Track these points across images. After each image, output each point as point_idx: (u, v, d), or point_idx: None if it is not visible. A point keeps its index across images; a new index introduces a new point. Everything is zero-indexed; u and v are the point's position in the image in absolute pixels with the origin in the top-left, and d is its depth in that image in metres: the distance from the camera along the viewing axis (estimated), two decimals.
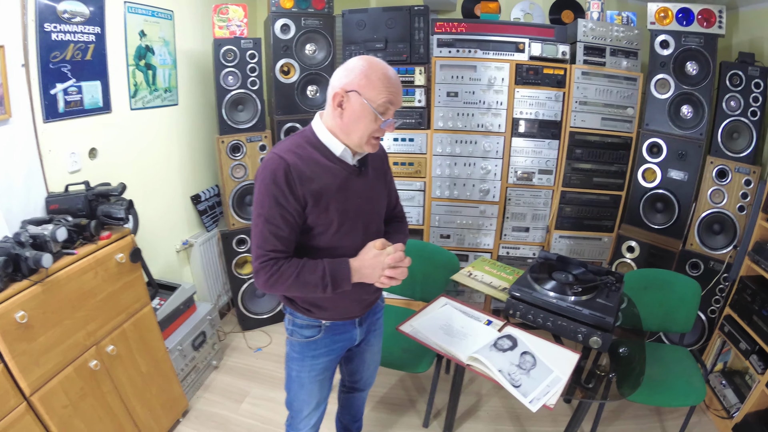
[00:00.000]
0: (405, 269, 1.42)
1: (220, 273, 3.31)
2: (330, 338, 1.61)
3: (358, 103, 1.31)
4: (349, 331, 1.65)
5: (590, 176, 3.03)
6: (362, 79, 1.30)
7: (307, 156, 1.37)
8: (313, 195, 1.35)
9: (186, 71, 2.92)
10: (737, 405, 2.48)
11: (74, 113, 2.12)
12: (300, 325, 1.59)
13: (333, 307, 1.54)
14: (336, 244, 1.44)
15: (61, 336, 1.70)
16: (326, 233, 1.42)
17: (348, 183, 1.42)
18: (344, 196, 1.41)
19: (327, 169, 1.38)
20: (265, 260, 1.35)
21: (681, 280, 2.46)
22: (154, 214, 2.70)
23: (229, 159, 2.93)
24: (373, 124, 1.33)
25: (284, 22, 2.87)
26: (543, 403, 1.58)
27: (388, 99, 1.31)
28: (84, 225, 1.85)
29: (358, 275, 1.41)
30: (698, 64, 2.77)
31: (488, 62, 2.90)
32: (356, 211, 1.45)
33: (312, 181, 1.35)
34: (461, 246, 3.26)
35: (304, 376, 1.65)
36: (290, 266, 1.35)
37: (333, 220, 1.40)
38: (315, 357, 1.63)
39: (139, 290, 2.11)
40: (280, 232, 1.35)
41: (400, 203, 1.78)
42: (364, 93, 1.30)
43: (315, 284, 1.36)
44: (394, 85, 1.33)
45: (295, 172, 1.32)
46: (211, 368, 2.85)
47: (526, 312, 2.00)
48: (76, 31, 2.07)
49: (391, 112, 1.36)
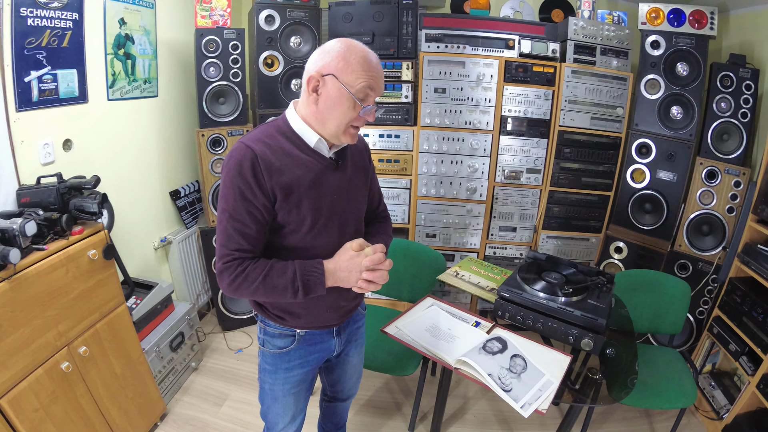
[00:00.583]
0: (385, 273, 1.28)
1: (200, 271, 3.21)
2: (305, 349, 1.49)
3: (335, 88, 1.20)
4: (325, 341, 1.52)
5: (579, 176, 3.00)
6: (340, 61, 1.19)
7: (278, 146, 1.25)
8: (283, 188, 1.23)
9: (166, 62, 2.82)
10: (727, 406, 2.47)
11: (49, 102, 2.01)
12: (272, 335, 1.47)
13: (306, 314, 1.42)
14: (309, 245, 1.31)
15: (30, 336, 1.61)
16: (298, 232, 1.30)
17: (323, 177, 1.30)
18: (318, 191, 1.29)
19: (299, 161, 1.26)
20: (228, 260, 1.23)
21: (670, 281, 2.44)
22: (131, 209, 2.60)
23: (209, 153, 2.83)
24: (351, 111, 1.21)
25: (269, 13, 2.78)
26: (535, 408, 1.53)
27: (367, 84, 1.20)
28: (55, 219, 1.76)
29: (332, 279, 1.27)
30: (689, 65, 2.76)
31: (477, 58, 2.85)
32: (331, 208, 1.33)
33: (282, 174, 1.22)
34: (447, 245, 3.21)
35: (277, 389, 1.54)
36: (257, 267, 1.23)
37: (305, 217, 1.28)
38: (289, 369, 1.50)
39: (113, 288, 2.01)
40: (246, 230, 1.23)
41: (383, 202, 1.67)
42: (342, 77, 1.19)
43: (284, 288, 1.23)
44: (374, 69, 1.21)
45: (263, 163, 1.20)
46: (190, 370, 2.76)
47: (515, 313, 1.95)
48: (53, 17, 1.97)
49: (372, 99, 1.24)
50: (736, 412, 2.33)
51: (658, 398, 2.12)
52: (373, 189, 1.58)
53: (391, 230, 1.66)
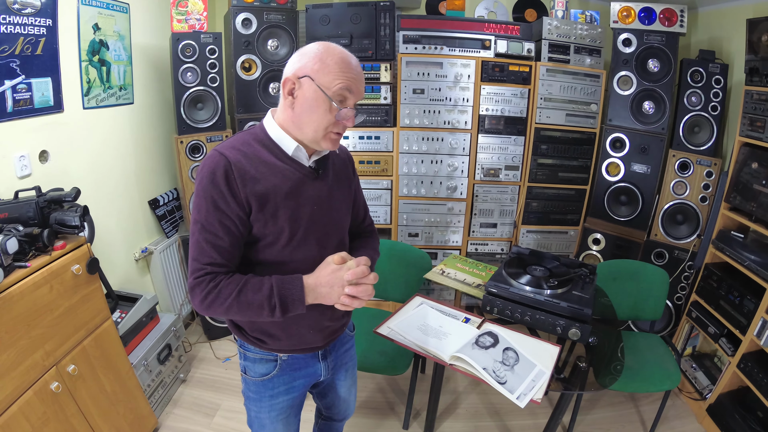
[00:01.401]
0: (369, 287, 1.18)
1: (183, 281, 3.16)
2: (289, 375, 1.41)
3: (311, 90, 1.14)
4: (310, 365, 1.44)
5: (555, 171, 3.07)
6: (316, 63, 1.14)
7: (254, 154, 1.18)
8: (258, 198, 1.15)
9: (142, 68, 2.77)
10: (709, 387, 2.56)
11: (24, 113, 1.95)
12: (252, 360, 1.38)
13: (287, 336, 1.33)
14: (287, 258, 1.23)
15: (17, 358, 1.55)
16: (275, 245, 1.21)
17: (301, 187, 1.22)
18: (296, 201, 1.21)
19: (276, 169, 1.19)
20: (200, 275, 1.14)
21: (648, 270, 2.52)
22: (110, 220, 2.55)
23: (188, 160, 2.80)
24: (328, 114, 1.15)
25: (246, 17, 2.76)
26: (530, 398, 1.56)
27: (345, 85, 1.14)
28: (36, 234, 1.68)
29: (313, 295, 1.18)
30: (660, 61, 2.86)
31: (454, 59, 2.89)
32: (311, 220, 1.25)
33: (257, 182, 1.15)
34: (430, 244, 3.24)
35: (263, 416, 1.46)
36: (230, 283, 1.14)
37: (283, 228, 1.20)
38: (273, 396, 1.42)
39: (98, 303, 1.95)
40: (219, 242, 1.14)
41: (369, 216, 1.61)
42: (318, 78, 1.13)
43: (260, 305, 1.14)
44: (352, 70, 1.16)
45: (237, 171, 1.13)
46: (179, 382, 2.71)
47: (503, 307, 1.99)
48: (27, 24, 1.92)
49: (351, 102, 1.18)
50: (719, 392, 2.43)
51: (643, 382, 2.19)
52: (358, 201, 1.51)
53: (378, 245, 1.58)
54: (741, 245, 2.42)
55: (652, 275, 2.49)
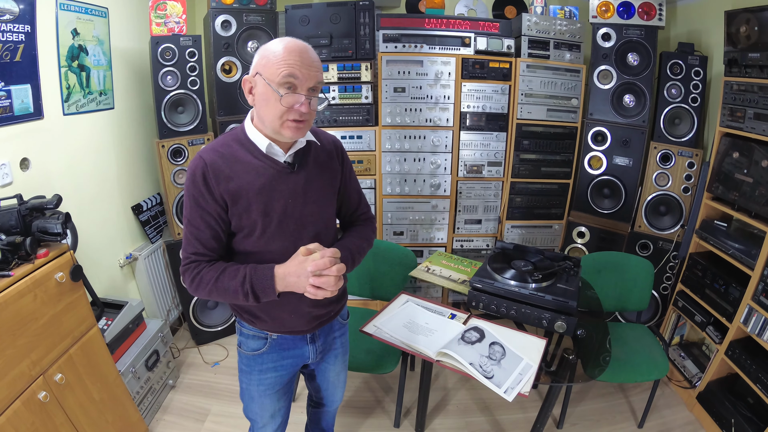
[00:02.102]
0: (332, 278, 1.21)
1: (169, 286, 3.14)
2: (278, 353, 1.51)
3: (262, 85, 1.21)
4: (298, 347, 1.52)
5: (538, 166, 3.09)
6: (262, 59, 1.22)
7: (230, 154, 1.29)
8: (231, 195, 1.27)
9: (122, 72, 2.74)
10: (698, 375, 2.59)
11: (3, 120, 1.92)
12: (246, 335, 1.50)
13: (270, 319, 1.43)
14: (263, 249, 1.33)
15: (3, 368, 1.53)
16: (251, 236, 1.32)
17: (274, 181, 1.31)
18: (269, 195, 1.30)
19: (250, 167, 1.29)
20: (186, 263, 1.30)
21: (633, 261, 2.54)
22: (93, 227, 2.51)
23: (170, 164, 2.77)
24: (278, 104, 1.20)
25: (225, 19, 2.75)
26: (518, 391, 1.57)
27: (288, 72, 1.18)
28: (18, 243, 1.66)
29: (283, 283, 1.25)
30: (639, 55, 2.89)
31: (434, 57, 2.90)
32: (284, 213, 1.32)
33: (230, 180, 1.26)
34: (415, 242, 3.25)
35: (252, 389, 1.57)
36: (210, 270, 1.28)
37: (256, 222, 1.30)
38: (262, 372, 1.53)
39: (83, 311, 1.93)
40: (201, 234, 1.29)
41: (364, 203, 1.64)
42: (265, 72, 1.20)
43: (234, 291, 1.25)
44: (295, 56, 1.19)
45: (212, 171, 1.25)
46: (168, 388, 2.68)
47: (488, 302, 1.99)
48: (5, 30, 1.89)
49: (300, 88, 1.21)
50: (708, 380, 2.46)
51: (631, 372, 2.21)
52: (349, 190, 1.56)
53: (372, 233, 1.61)
54: (724, 234, 2.45)
55: (636, 266, 2.51)
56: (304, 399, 2.03)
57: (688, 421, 2.51)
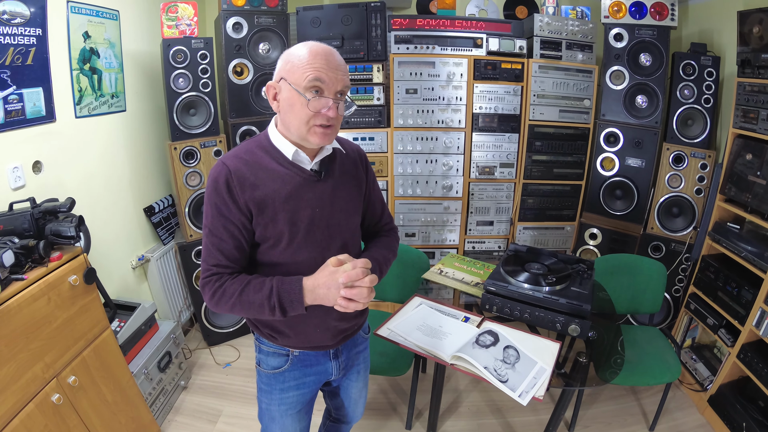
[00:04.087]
0: (365, 290, 1.15)
1: (180, 288, 3.15)
2: (300, 370, 1.45)
3: (287, 90, 1.18)
4: (321, 363, 1.47)
5: (550, 167, 3.08)
6: (287, 64, 1.19)
7: (255, 161, 1.24)
8: (257, 203, 1.21)
9: (133, 75, 2.76)
10: (710, 378, 2.58)
11: (16, 124, 1.93)
12: (266, 353, 1.44)
13: (295, 333, 1.37)
14: (289, 260, 1.27)
15: (17, 371, 1.54)
16: (277, 247, 1.26)
17: (301, 190, 1.26)
18: (296, 204, 1.25)
19: (276, 174, 1.24)
20: (207, 275, 1.23)
21: (646, 263, 2.53)
22: (105, 229, 2.53)
23: (182, 166, 2.78)
24: (305, 109, 1.17)
25: (236, 21, 2.75)
26: (532, 395, 1.57)
27: (314, 76, 1.15)
28: (32, 246, 1.67)
29: (312, 296, 1.19)
30: (651, 55, 2.87)
31: (446, 58, 2.90)
32: (311, 223, 1.27)
33: (256, 188, 1.21)
34: (427, 244, 3.24)
35: (273, 409, 1.50)
36: (234, 283, 1.21)
37: (283, 231, 1.24)
38: (284, 390, 1.46)
39: (96, 314, 1.94)
40: (224, 245, 1.22)
41: (387, 213, 1.59)
42: (290, 77, 1.17)
43: (260, 304, 1.19)
44: (320, 60, 1.16)
45: (236, 179, 1.20)
46: (180, 389, 2.70)
47: (502, 306, 1.99)
48: (16, 34, 1.90)
49: (329, 92, 1.18)
50: (720, 383, 2.44)
51: (644, 375, 2.20)
52: (373, 199, 1.52)
53: (396, 243, 1.58)
54: (737, 236, 2.43)
55: (649, 268, 2.50)
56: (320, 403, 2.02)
57: (699, 425, 2.49)
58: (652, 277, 2.49)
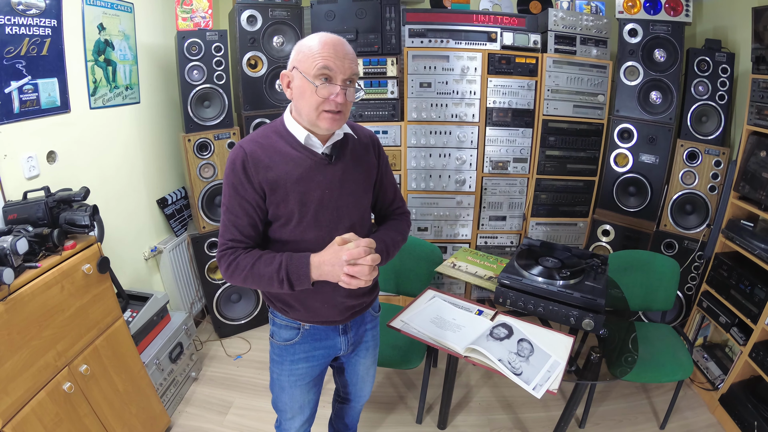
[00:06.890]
0: (366, 268, 1.21)
1: (193, 279, 3.17)
2: (309, 344, 1.53)
3: (299, 78, 1.27)
4: (331, 338, 1.54)
5: (564, 163, 3.06)
6: (298, 53, 1.28)
7: (269, 145, 1.33)
8: (270, 184, 1.30)
9: (148, 66, 2.77)
10: (721, 377, 2.56)
11: (30, 114, 1.95)
12: (279, 325, 1.53)
13: (304, 308, 1.45)
14: (299, 238, 1.36)
15: (29, 359, 1.55)
16: (288, 225, 1.35)
17: (311, 172, 1.34)
18: (306, 185, 1.33)
19: (289, 157, 1.32)
20: (223, 249, 1.33)
21: (659, 260, 2.52)
22: (118, 220, 2.55)
23: (196, 158, 2.79)
24: (315, 95, 1.24)
25: (251, 13, 2.75)
26: (546, 388, 1.57)
27: (323, 64, 1.22)
28: (46, 235, 1.69)
29: (317, 272, 1.27)
30: (666, 51, 2.84)
31: (460, 52, 2.88)
32: (320, 204, 1.35)
33: (269, 169, 1.30)
34: (439, 238, 3.24)
35: (283, 379, 1.59)
36: (247, 257, 1.31)
37: (293, 211, 1.33)
38: (294, 362, 1.55)
39: (109, 303, 1.95)
40: (239, 221, 1.32)
41: (399, 197, 1.66)
42: (301, 66, 1.25)
43: (270, 277, 1.28)
44: (329, 48, 1.24)
45: (251, 160, 1.28)
46: (191, 380, 2.72)
47: (516, 299, 1.99)
48: (32, 24, 1.91)
49: (337, 79, 1.25)
50: (731, 382, 2.43)
51: (656, 372, 2.20)
52: (385, 184, 1.59)
53: (407, 227, 1.63)
54: (751, 234, 2.41)
55: (662, 265, 2.49)
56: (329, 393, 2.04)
57: (709, 424, 2.48)
58: (665, 275, 2.48)
